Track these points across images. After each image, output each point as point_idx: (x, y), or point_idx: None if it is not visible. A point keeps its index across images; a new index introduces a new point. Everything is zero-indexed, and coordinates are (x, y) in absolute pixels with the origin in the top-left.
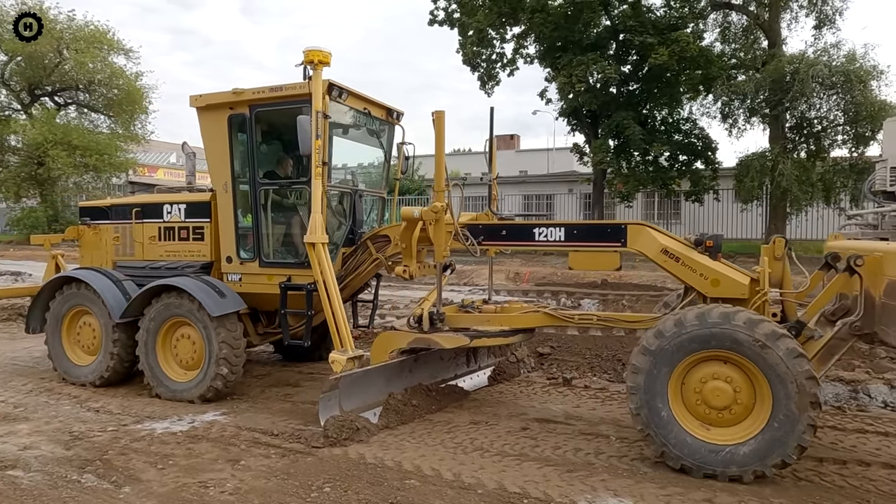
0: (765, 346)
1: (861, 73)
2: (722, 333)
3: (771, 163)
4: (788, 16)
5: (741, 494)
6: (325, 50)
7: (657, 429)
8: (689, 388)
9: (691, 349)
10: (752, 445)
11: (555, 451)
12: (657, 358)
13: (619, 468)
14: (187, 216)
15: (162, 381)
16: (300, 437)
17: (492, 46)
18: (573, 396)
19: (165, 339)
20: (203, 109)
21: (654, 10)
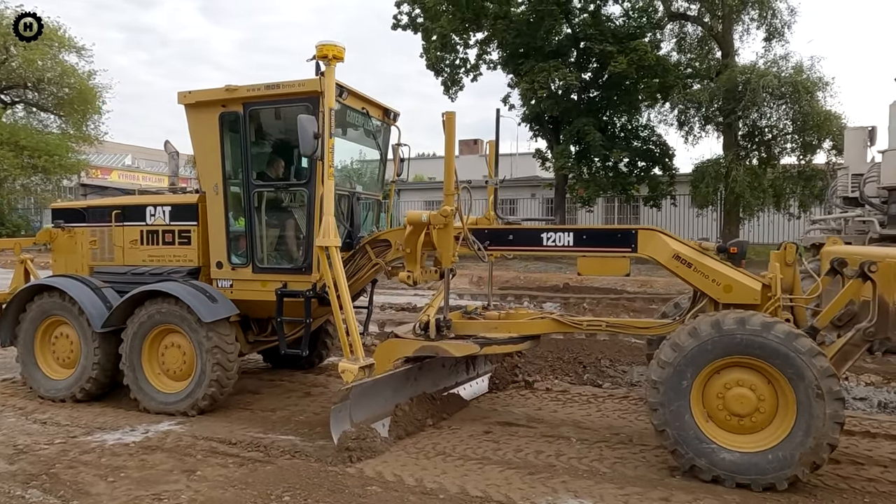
0: (800, 358)
1: (808, 84)
2: (756, 342)
3: (725, 169)
4: (740, 28)
5: (696, 493)
6: (340, 45)
7: (679, 432)
8: (712, 391)
9: (723, 354)
10: (781, 451)
11: (517, 454)
12: (684, 360)
13: (580, 469)
14: (172, 219)
15: (149, 394)
16: (259, 446)
17: (455, 52)
18: (535, 399)
19: (152, 349)
20: (192, 107)
21: (613, 19)
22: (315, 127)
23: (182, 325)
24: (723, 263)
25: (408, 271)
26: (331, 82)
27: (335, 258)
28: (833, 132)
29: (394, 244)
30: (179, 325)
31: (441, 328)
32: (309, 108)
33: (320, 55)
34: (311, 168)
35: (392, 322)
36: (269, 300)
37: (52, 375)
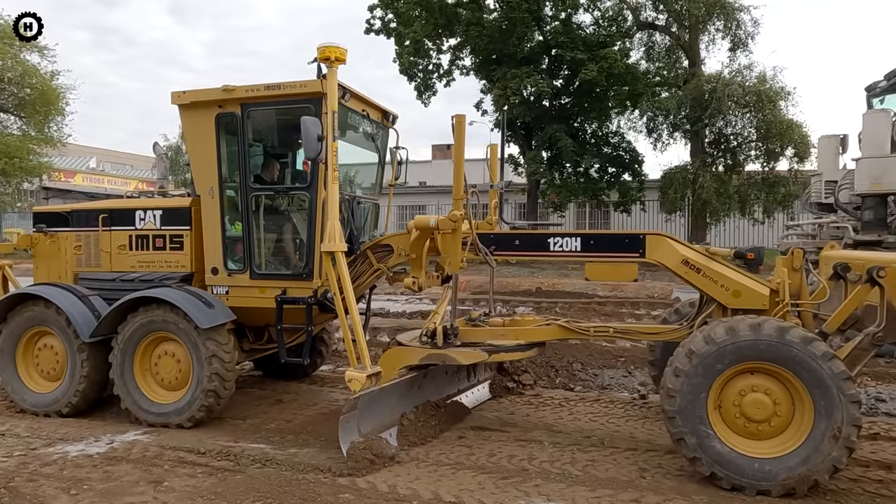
0: (816, 362)
1: (771, 93)
2: (772, 347)
3: (692, 176)
4: (706, 38)
5: (665, 493)
6: (342, 46)
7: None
8: (729, 398)
9: (739, 361)
10: (800, 455)
11: (489, 459)
12: (700, 367)
13: (552, 473)
14: (164, 223)
15: (142, 406)
16: (229, 455)
17: (428, 57)
18: (507, 403)
19: (144, 359)
20: (187, 107)
21: (583, 27)
22: (319, 129)
23: (177, 333)
24: (730, 268)
25: (413, 277)
26: (333, 84)
27: (341, 263)
28: (795, 140)
29: (396, 249)
30: (174, 332)
31: (448, 335)
32: (311, 110)
33: (322, 57)
34: (312, 171)
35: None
36: (267, 307)
37: (36, 389)
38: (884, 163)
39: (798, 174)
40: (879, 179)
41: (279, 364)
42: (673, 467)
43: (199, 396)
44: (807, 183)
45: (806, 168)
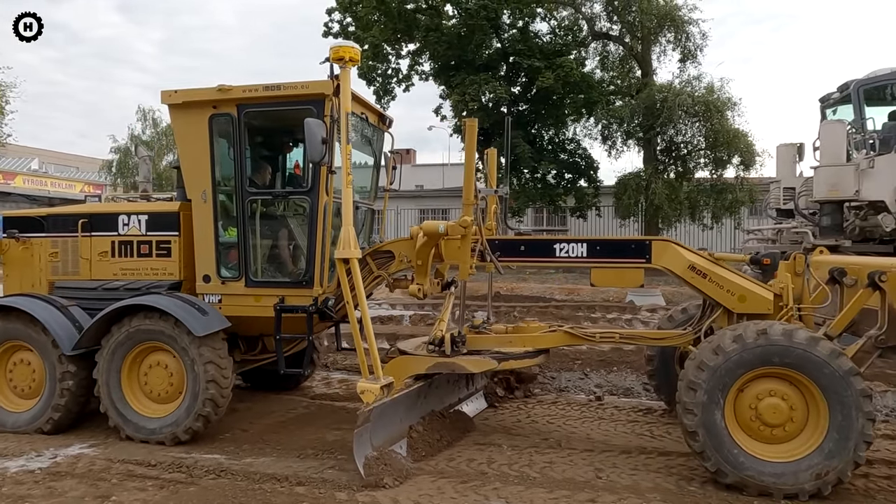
0: (827, 363)
1: (718, 103)
2: (788, 351)
3: (645, 182)
4: (658, 49)
5: (620, 492)
6: (356, 46)
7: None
8: (744, 405)
9: (753, 367)
10: (820, 455)
11: (449, 464)
12: (714, 378)
13: (510, 475)
14: (150, 229)
15: (131, 420)
16: (181, 466)
17: (387, 61)
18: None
19: (132, 371)
20: (178, 108)
21: (540, 35)
22: (323, 131)
23: (169, 343)
24: (735, 273)
25: (418, 284)
26: (347, 85)
27: (356, 271)
28: (741, 149)
29: (397, 255)
30: (166, 342)
31: (456, 343)
32: (313, 112)
33: (336, 57)
34: (314, 175)
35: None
36: (263, 316)
37: (10, 408)
38: (840, 171)
39: (744, 181)
40: (836, 186)
41: (267, 375)
42: (627, 467)
43: (195, 407)
44: (752, 190)
45: (751, 175)
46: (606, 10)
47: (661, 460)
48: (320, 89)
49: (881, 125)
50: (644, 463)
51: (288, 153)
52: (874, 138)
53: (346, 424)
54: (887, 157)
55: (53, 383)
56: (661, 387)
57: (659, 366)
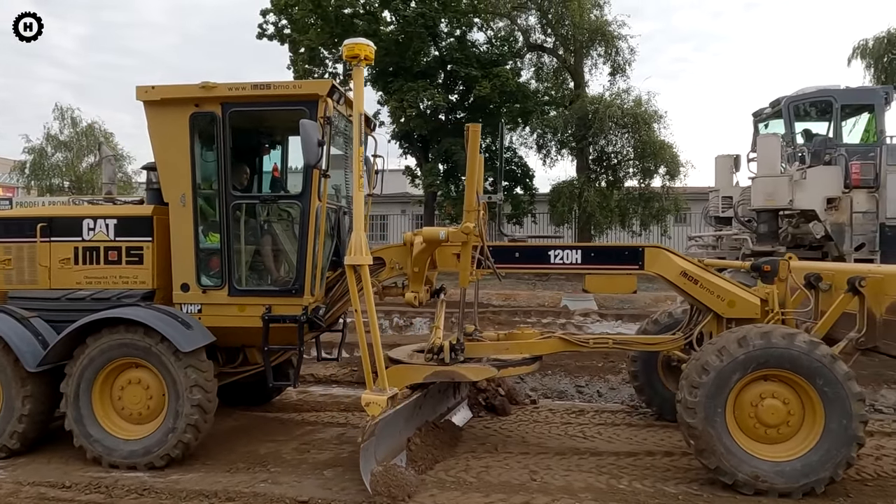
0: (825, 367)
1: (646, 116)
2: (787, 354)
3: (578, 190)
4: (589, 62)
5: (554, 493)
6: (370, 44)
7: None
8: (744, 406)
9: (753, 369)
10: (816, 455)
11: None
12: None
13: (447, 481)
14: (119, 234)
15: (103, 443)
16: (99, 487)
17: (324, 66)
18: None
19: (105, 388)
20: (155, 105)
21: (477, 45)
22: (319, 133)
23: (149, 359)
24: (724, 279)
25: (413, 292)
26: (360, 83)
27: (366, 278)
28: (666, 160)
29: (389, 262)
30: (145, 358)
31: (455, 351)
32: (305, 113)
33: (350, 55)
34: (306, 179)
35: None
36: (247, 326)
37: None
38: (776, 181)
39: (669, 191)
40: (772, 196)
41: (241, 391)
42: (561, 468)
43: (175, 432)
44: (677, 199)
45: (676, 185)
46: (541, 22)
47: (593, 460)
48: (314, 90)
49: (812, 139)
50: (577, 464)
51: (265, 155)
52: (806, 151)
53: (279, 436)
54: (818, 168)
55: (11, 404)
56: (643, 389)
57: (640, 370)
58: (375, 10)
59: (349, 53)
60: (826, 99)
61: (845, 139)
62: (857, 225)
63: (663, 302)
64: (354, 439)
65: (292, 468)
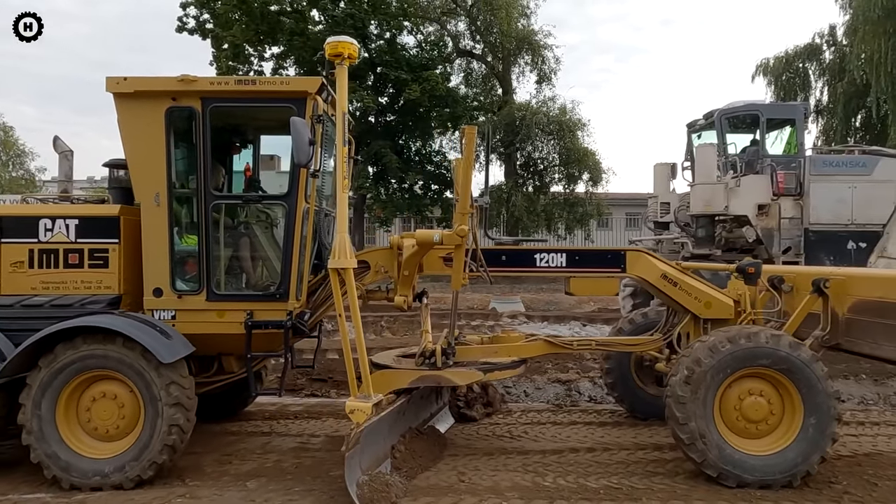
0: (806, 366)
1: (570, 123)
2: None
3: (506, 195)
4: (517, 70)
5: (482, 494)
6: (354, 42)
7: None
8: (729, 402)
9: (740, 366)
10: (794, 450)
11: (314, 479)
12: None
13: None
14: (81, 235)
15: (68, 462)
16: None
17: (249, 63)
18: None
19: (71, 403)
20: (128, 98)
21: (407, 49)
22: (310, 132)
23: (123, 371)
24: (700, 281)
25: (402, 295)
26: (343, 83)
27: (350, 282)
28: (589, 166)
29: (373, 266)
30: (119, 370)
31: (447, 355)
32: (293, 111)
33: (333, 53)
34: (292, 179)
35: None
36: (226, 333)
37: None
38: (713, 188)
39: (592, 196)
40: (709, 202)
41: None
42: (488, 468)
43: (150, 451)
44: (599, 204)
45: (598, 191)
46: (470, 29)
47: (519, 459)
48: (303, 87)
49: (744, 149)
50: (504, 463)
51: (236, 154)
52: (739, 161)
53: (198, 447)
54: (750, 177)
55: None
56: (615, 386)
57: (614, 368)
58: (303, 8)
59: (332, 52)
60: (753, 113)
61: (769, 150)
62: (785, 230)
63: (586, 303)
64: (279, 447)
65: (213, 480)
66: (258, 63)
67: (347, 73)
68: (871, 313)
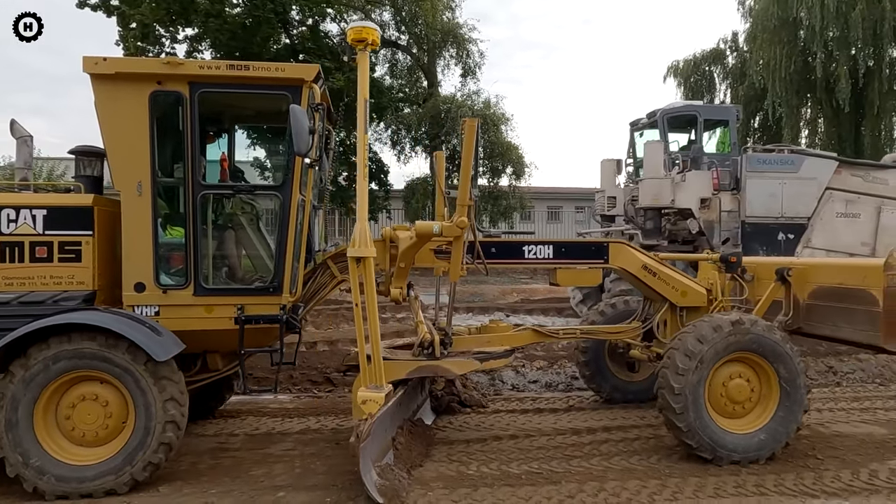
0: (781, 348)
1: (494, 118)
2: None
3: (432, 187)
4: (442, 62)
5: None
6: (377, 28)
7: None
8: (716, 385)
9: (731, 350)
10: (768, 430)
11: (248, 473)
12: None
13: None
14: (50, 227)
15: (48, 469)
16: None
17: (161, 45)
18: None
19: (50, 407)
20: (106, 79)
21: (331, 36)
22: (309, 121)
23: (111, 371)
24: (676, 272)
25: (397, 287)
26: (365, 69)
27: (370, 272)
28: (513, 160)
29: None
30: (106, 370)
31: (445, 345)
32: (288, 99)
33: (357, 38)
34: (287, 169)
35: None
36: (214, 329)
37: None
38: (660, 183)
39: (515, 189)
40: (657, 196)
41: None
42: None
43: (145, 452)
44: (522, 197)
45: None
46: (395, 19)
47: (444, 449)
48: (299, 74)
49: (685, 146)
50: (428, 454)
51: (210, 143)
52: (683, 157)
53: None
54: (694, 173)
55: None
56: (593, 377)
57: (591, 358)
58: None
59: (356, 37)
60: (692, 113)
61: (705, 149)
62: (724, 222)
63: (510, 294)
64: (195, 448)
65: None
66: (170, 45)
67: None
68: (831, 298)
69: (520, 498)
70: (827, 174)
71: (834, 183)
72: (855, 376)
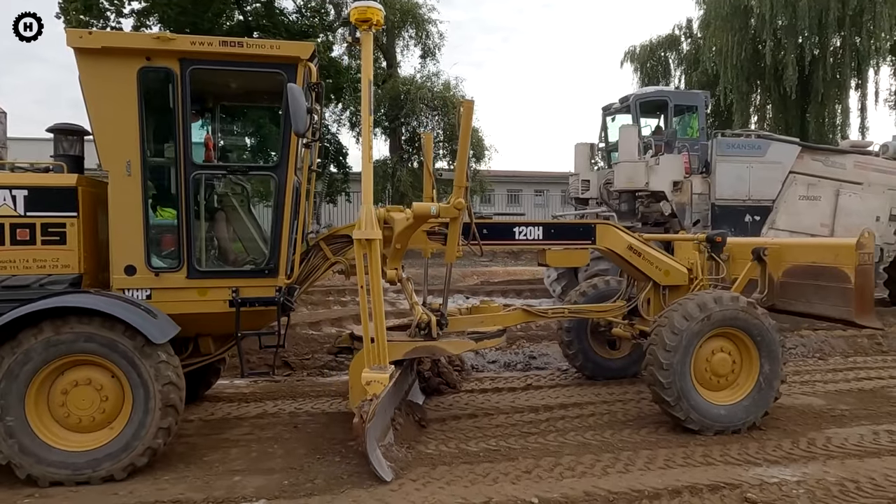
0: (762, 323)
1: (454, 100)
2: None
3: (391, 170)
4: (401, 43)
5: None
6: (381, 8)
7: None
8: (700, 360)
9: (713, 328)
10: (748, 401)
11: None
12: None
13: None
14: (31, 209)
15: (42, 456)
16: None
17: (105, 19)
18: None
19: (42, 392)
20: (92, 54)
21: (286, 14)
22: (306, 100)
23: (107, 355)
24: (659, 252)
25: (393, 268)
26: (369, 50)
27: (376, 254)
28: (473, 143)
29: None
30: (103, 354)
31: (441, 325)
32: (284, 78)
33: (361, 18)
34: (282, 150)
35: None
36: (207, 312)
37: None
38: (635, 166)
39: (476, 172)
40: (632, 179)
41: None
42: None
43: (144, 437)
44: (482, 181)
45: (482, 168)
46: None
47: None
48: (295, 52)
49: (656, 129)
50: None
51: (194, 122)
52: (657, 141)
53: None
54: (668, 157)
55: None
56: (576, 355)
57: (574, 338)
58: None
59: (360, 16)
60: (663, 98)
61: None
62: (695, 204)
63: (469, 276)
64: None
65: None
66: (116, 19)
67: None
68: (805, 276)
69: (477, 475)
70: (791, 159)
71: (797, 167)
72: (797, 351)
